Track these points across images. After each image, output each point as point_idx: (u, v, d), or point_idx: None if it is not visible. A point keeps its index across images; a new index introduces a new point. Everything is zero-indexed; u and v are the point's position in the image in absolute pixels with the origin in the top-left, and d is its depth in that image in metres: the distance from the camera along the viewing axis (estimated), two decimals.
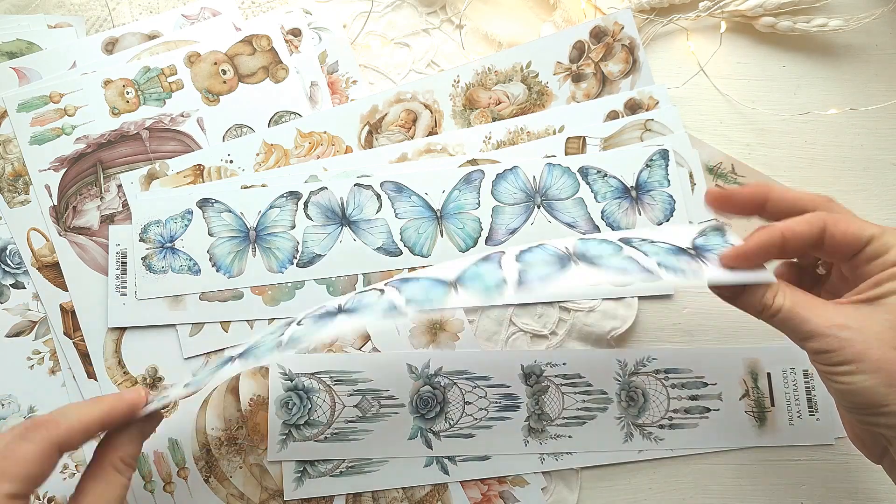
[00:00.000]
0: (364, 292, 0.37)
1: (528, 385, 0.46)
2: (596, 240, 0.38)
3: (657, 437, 0.47)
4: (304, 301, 0.48)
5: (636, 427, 0.47)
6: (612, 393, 0.47)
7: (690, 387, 0.47)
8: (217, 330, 0.47)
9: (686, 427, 0.47)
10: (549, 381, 0.47)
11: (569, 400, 0.46)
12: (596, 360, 0.47)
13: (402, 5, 0.54)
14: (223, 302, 0.47)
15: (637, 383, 0.47)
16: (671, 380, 0.47)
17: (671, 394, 0.47)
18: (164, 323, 0.47)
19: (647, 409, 0.47)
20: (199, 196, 0.48)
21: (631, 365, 0.48)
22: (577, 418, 0.46)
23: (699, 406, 0.47)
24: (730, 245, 0.39)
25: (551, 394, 0.46)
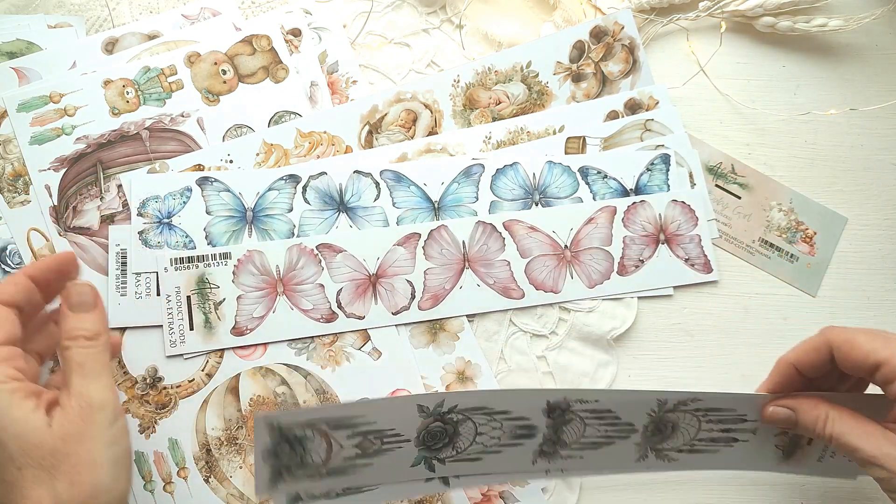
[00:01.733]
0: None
1: (550, 418, 0.40)
2: (560, 166, 0.49)
3: (671, 458, 0.43)
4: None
5: (653, 451, 0.43)
6: (640, 424, 0.41)
7: (727, 422, 0.42)
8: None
9: (706, 453, 0.43)
10: (574, 415, 0.41)
11: (591, 430, 0.41)
12: (633, 400, 0.41)
13: (402, 5, 0.54)
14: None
15: (671, 418, 0.42)
16: (710, 416, 0.42)
17: (703, 426, 0.42)
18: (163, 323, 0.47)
19: (672, 437, 0.42)
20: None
21: (671, 404, 0.41)
22: (594, 444, 0.42)
23: (727, 437, 0.43)
24: (668, 186, 0.49)
25: (573, 425, 0.41)
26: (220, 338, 0.47)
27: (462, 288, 0.49)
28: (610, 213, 0.50)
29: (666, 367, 0.50)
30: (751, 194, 0.52)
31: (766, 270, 0.52)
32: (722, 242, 0.51)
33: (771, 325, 0.51)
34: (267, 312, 0.47)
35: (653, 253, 0.50)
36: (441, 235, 0.49)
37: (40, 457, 0.32)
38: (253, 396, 0.47)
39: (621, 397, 0.41)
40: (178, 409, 0.46)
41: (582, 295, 0.49)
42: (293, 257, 0.48)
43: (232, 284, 0.47)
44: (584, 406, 0.40)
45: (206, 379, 0.47)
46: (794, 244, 0.52)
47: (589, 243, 0.50)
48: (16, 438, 0.32)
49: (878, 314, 0.51)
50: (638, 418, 0.41)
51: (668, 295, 0.50)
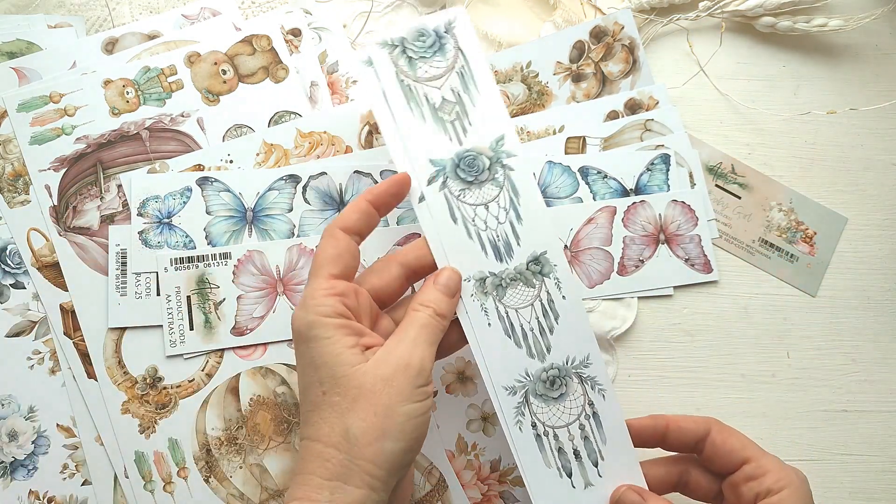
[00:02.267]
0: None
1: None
2: (560, 166, 0.49)
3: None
4: None
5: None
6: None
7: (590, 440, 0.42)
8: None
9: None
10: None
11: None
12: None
13: (402, 5, 0.54)
14: None
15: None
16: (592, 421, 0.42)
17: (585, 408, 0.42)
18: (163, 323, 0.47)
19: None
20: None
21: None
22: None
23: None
24: (668, 186, 0.50)
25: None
26: (220, 338, 0.47)
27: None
28: (610, 213, 0.50)
29: (666, 367, 0.50)
30: (751, 194, 0.52)
31: (766, 270, 0.52)
32: (722, 242, 0.51)
33: (771, 325, 0.51)
34: (267, 312, 0.47)
35: (653, 253, 0.50)
36: None
37: (346, 388, 0.35)
38: (253, 396, 0.47)
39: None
40: (178, 409, 0.46)
41: (582, 295, 0.49)
42: (293, 257, 0.48)
43: (232, 284, 0.47)
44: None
45: (206, 379, 0.47)
46: (794, 244, 0.52)
47: (589, 243, 0.50)
48: (328, 366, 0.35)
49: (878, 314, 0.51)
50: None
51: (668, 295, 0.50)
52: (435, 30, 0.43)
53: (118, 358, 0.47)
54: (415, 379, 0.35)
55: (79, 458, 0.46)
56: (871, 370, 0.50)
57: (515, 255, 0.41)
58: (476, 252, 0.41)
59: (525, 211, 0.42)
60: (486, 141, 0.42)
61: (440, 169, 0.41)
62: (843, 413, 0.50)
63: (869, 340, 0.51)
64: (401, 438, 0.35)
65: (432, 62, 0.42)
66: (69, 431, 0.46)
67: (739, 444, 0.39)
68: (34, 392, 0.46)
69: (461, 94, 0.42)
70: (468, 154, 0.42)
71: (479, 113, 0.42)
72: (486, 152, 0.42)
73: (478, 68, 0.43)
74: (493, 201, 0.42)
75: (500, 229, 0.41)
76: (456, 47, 0.43)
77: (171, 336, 0.47)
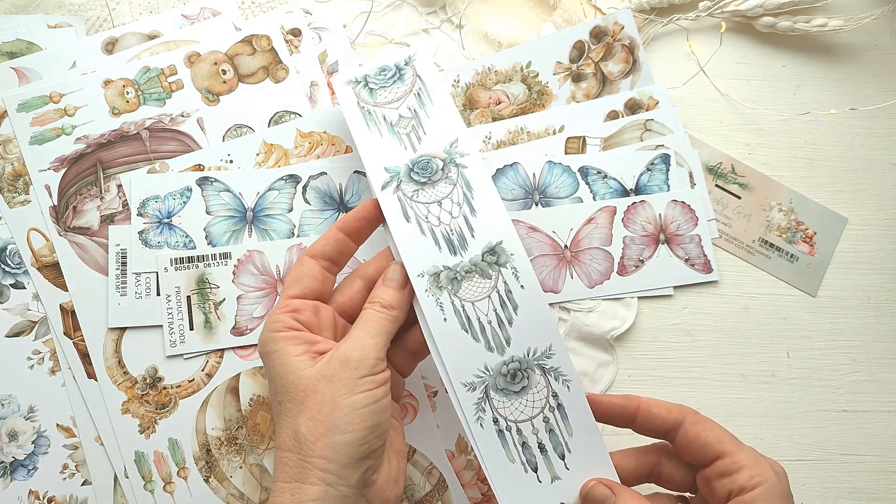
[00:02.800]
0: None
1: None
2: (560, 166, 0.50)
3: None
4: None
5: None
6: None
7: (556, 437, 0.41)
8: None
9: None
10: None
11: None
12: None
13: (402, 5, 0.54)
14: None
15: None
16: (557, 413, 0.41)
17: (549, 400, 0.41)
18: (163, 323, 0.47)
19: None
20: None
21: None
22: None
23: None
24: (668, 186, 0.50)
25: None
26: (220, 338, 0.47)
27: None
28: (610, 213, 0.50)
29: (666, 367, 0.50)
30: (751, 194, 0.52)
31: (766, 270, 0.52)
32: (722, 242, 0.51)
33: (771, 325, 0.51)
34: (267, 312, 0.47)
35: (653, 253, 0.50)
36: None
37: (294, 392, 0.36)
38: (253, 396, 0.47)
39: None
40: (178, 409, 0.46)
41: (582, 295, 0.49)
42: (293, 257, 0.48)
43: (232, 284, 0.47)
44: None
45: (206, 379, 0.47)
46: (794, 244, 0.52)
47: (589, 243, 0.50)
48: (280, 377, 0.37)
49: (878, 314, 0.51)
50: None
51: (668, 295, 0.50)
52: (395, 64, 0.46)
53: (118, 358, 0.47)
54: (355, 370, 0.36)
55: (79, 458, 0.46)
56: (871, 370, 0.50)
57: (470, 248, 0.41)
58: (429, 247, 0.41)
59: (479, 204, 0.42)
60: (440, 145, 0.43)
61: (394, 174, 0.42)
62: (843, 413, 0.50)
63: (869, 340, 0.51)
64: (348, 430, 0.35)
65: (392, 89, 0.46)
66: (69, 431, 0.46)
67: (714, 437, 0.38)
68: (34, 392, 0.46)
69: (417, 111, 0.45)
70: (422, 158, 0.43)
71: (434, 123, 0.44)
72: (439, 155, 0.43)
73: (434, 88, 0.45)
74: (447, 198, 0.42)
75: (454, 223, 0.41)
76: (414, 74, 0.46)
77: (171, 336, 0.47)
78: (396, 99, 0.45)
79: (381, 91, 0.46)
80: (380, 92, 0.46)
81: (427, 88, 0.45)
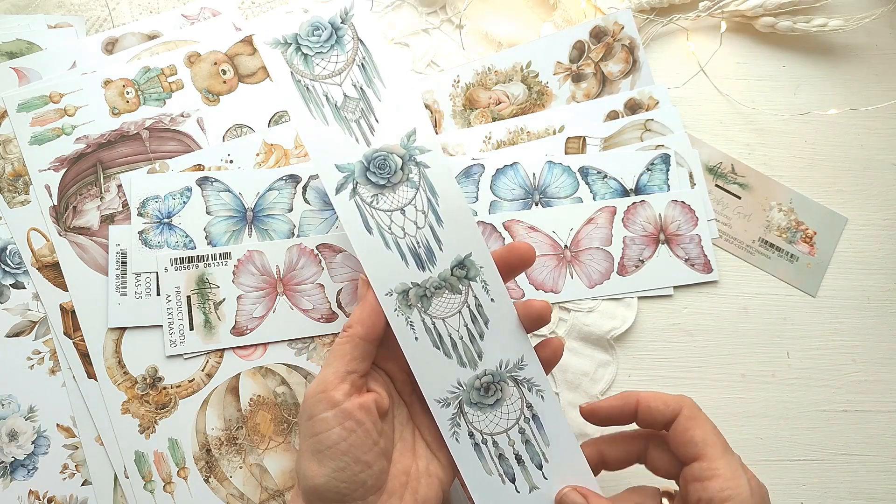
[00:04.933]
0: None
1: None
2: (560, 166, 0.48)
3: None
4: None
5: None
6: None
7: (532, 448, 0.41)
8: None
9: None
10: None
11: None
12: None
13: (402, 5, 0.54)
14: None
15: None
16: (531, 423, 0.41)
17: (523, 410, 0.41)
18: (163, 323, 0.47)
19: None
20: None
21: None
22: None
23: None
24: (668, 186, 0.49)
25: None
26: (220, 338, 0.47)
27: None
28: (610, 213, 0.50)
29: (666, 367, 0.50)
30: (751, 194, 0.52)
31: (766, 270, 0.52)
32: (722, 242, 0.51)
33: (771, 325, 0.51)
34: (267, 312, 0.47)
35: (653, 253, 0.50)
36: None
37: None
38: (253, 396, 0.47)
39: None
40: (178, 409, 0.46)
41: (582, 295, 0.49)
42: (293, 257, 0.48)
43: (232, 284, 0.47)
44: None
45: (206, 379, 0.47)
46: (794, 244, 0.52)
47: (589, 243, 0.50)
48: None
49: (878, 314, 0.51)
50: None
51: (668, 295, 0.50)
52: (331, 21, 0.40)
53: (118, 358, 0.47)
54: (311, 409, 0.36)
55: (79, 458, 0.46)
56: (871, 370, 0.50)
57: (438, 262, 0.39)
58: (396, 263, 0.38)
59: (445, 212, 0.39)
60: (396, 138, 0.39)
61: (348, 175, 0.39)
62: (843, 413, 0.50)
63: (869, 340, 0.51)
64: (309, 475, 0.35)
65: (329, 57, 0.39)
66: (69, 431, 0.46)
67: (700, 437, 0.36)
68: (34, 392, 0.46)
69: (364, 89, 0.39)
70: (377, 155, 0.39)
71: (386, 107, 0.39)
72: (397, 150, 0.39)
73: (380, 59, 0.40)
74: (410, 204, 0.39)
75: (420, 234, 0.39)
76: (355, 38, 0.40)
77: (171, 336, 0.47)
78: (338, 71, 0.39)
79: (318, 59, 0.39)
80: (316, 60, 0.39)
81: (373, 59, 0.40)
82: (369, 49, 0.40)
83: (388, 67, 0.40)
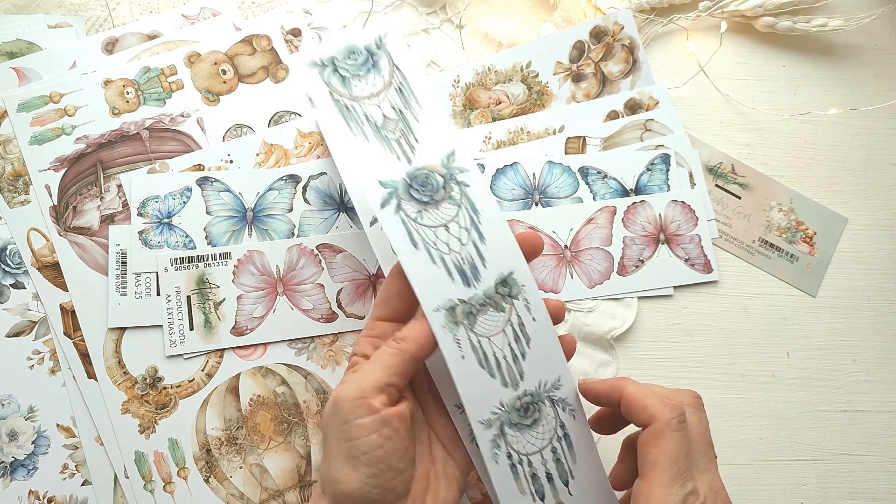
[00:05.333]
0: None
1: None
2: (560, 166, 0.49)
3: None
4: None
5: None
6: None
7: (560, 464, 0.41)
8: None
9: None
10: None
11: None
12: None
13: (402, 5, 0.54)
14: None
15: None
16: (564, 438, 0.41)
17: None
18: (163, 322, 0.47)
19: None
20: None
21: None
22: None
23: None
24: (668, 186, 0.50)
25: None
26: (220, 338, 0.47)
27: None
28: (610, 213, 0.50)
29: (666, 367, 0.50)
30: (751, 194, 0.52)
31: (766, 270, 0.52)
32: (722, 242, 0.51)
33: (771, 325, 0.51)
34: (267, 312, 0.47)
35: (653, 253, 0.50)
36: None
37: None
38: (253, 396, 0.47)
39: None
40: (178, 409, 0.46)
41: (582, 295, 0.49)
42: (293, 257, 0.48)
43: (232, 284, 0.47)
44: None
45: (206, 379, 0.47)
46: (794, 244, 0.52)
47: (589, 243, 0.50)
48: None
49: (878, 314, 0.51)
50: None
51: (668, 295, 0.50)
52: (366, 47, 0.41)
53: (118, 358, 0.47)
54: (347, 414, 0.35)
55: (79, 458, 0.46)
56: (871, 370, 0.50)
57: (483, 279, 0.38)
58: (442, 278, 0.37)
59: (487, 229, 0.39)
60: (436, 158, 0.39)
61: (392, 191, 0.38)
62: (843, 413, 0.50)
63: (869, 340, 0.51)
64: (343, 481, 0.34)
65: (367, 80, 0.41)
66: (69, 431, 0.46)
67: (653, 457, 0.35)
68: (34, 392, 0.46)
69: (402, 111, 0.40)
70: (420, 172, 0.39)
71: (424, 129, 0.40)
72: (438, 170, 0.39)
73: (416, 83, 0.41)
74: (453, 221, 0.39)
75: (464, 251, 0.38)
76: (391, 63, 0.41)
77: (171, 336, 0.47)
78: (376, 93, 0.40)
79: (356, 81, 0.40)
80: (354, 82, 0.40)
81: (409, 83, 0.41)
82: (405, 74, 0.41)
83: (424, 91, 0.41)
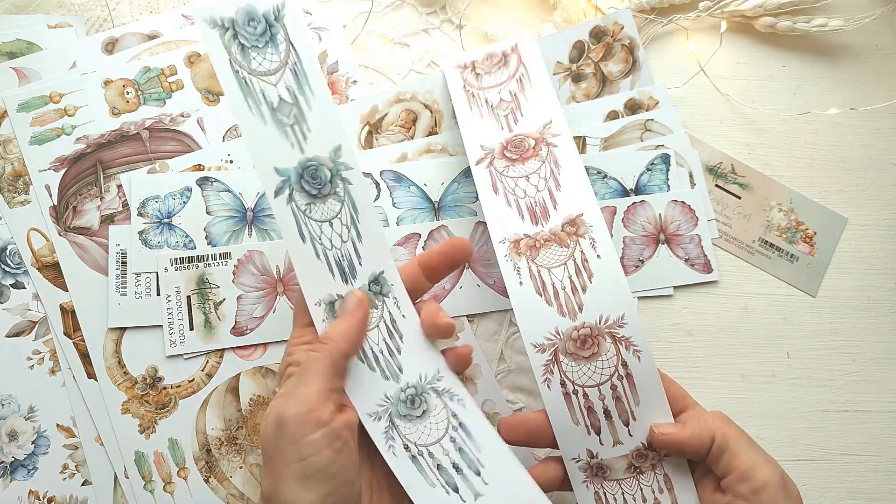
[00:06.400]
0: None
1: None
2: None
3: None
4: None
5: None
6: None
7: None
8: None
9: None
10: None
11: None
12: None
13: (402, 5, 0.54)
14: None
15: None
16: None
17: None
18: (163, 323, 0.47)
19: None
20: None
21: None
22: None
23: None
24: (668, 186, 0.50)
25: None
26: (220, 338, 0.47)
27: (462, 288, 0.49)
28: (610, 213, 0.50)
29: (666, 367, 0.50)
30: (751, 194, 0.52)
31: (766, 270, 0.52)
32: (722, 242, 0.51)
33: (771, 325, 0.51)
34: (267, 312, 0.47)
35: (653, 253, 0.50)
36: (441, 235, 0.49)
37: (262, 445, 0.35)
38: (253, 396, 0.47)
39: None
40: (178, 409, 0.46)
41: None
42: None
43: (232, 284, 0.47)
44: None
45: (206, 379, 0.47)
46: (794, 244, 0.52)
47: None
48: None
49: (878, 314, 0.51)
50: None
51: (668, 295, 0.50)
52: (265, 15, 0.37)
53: (118, 358, 0.47)
54: (294, 433, 0.34)
55: (79, 458, 0.46)
56: (871, 370, 0.50)
57: (359, 276, 0.39)
58: (324, 273, 0.38)
59: (364, 228, 0.40)
60: (325, 150, 0.39)
61: (286, 179, 0.37)
62: (843, 413, 0.50)
63: (869, 340, 0.51)
64: (293, 500, 0.33)
65: (265, 54, 0.38)
66: (69, 431, 0.46)
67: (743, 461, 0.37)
68: (34, 392, 0.46)
69: (297, 95, 0.38)
70: (311, 164, 0.38)
71: (316, 118, 0.39)
72: (326, 163, 0.39)
73: (310, 67, 0.39)
74: (336, 218, 0.39)
75: (344, 248, 0.39)
76: (287, 40, 0.38)
77: (171, 336, 0.47)
78: (273, 71, 0.38)
79: (255, 53, 0.37)
80: (253, 54, 0.37)
81: (303, 66, 0.38)
82: (300, 55, 0.38)
83: (317, 77, 0.39)
